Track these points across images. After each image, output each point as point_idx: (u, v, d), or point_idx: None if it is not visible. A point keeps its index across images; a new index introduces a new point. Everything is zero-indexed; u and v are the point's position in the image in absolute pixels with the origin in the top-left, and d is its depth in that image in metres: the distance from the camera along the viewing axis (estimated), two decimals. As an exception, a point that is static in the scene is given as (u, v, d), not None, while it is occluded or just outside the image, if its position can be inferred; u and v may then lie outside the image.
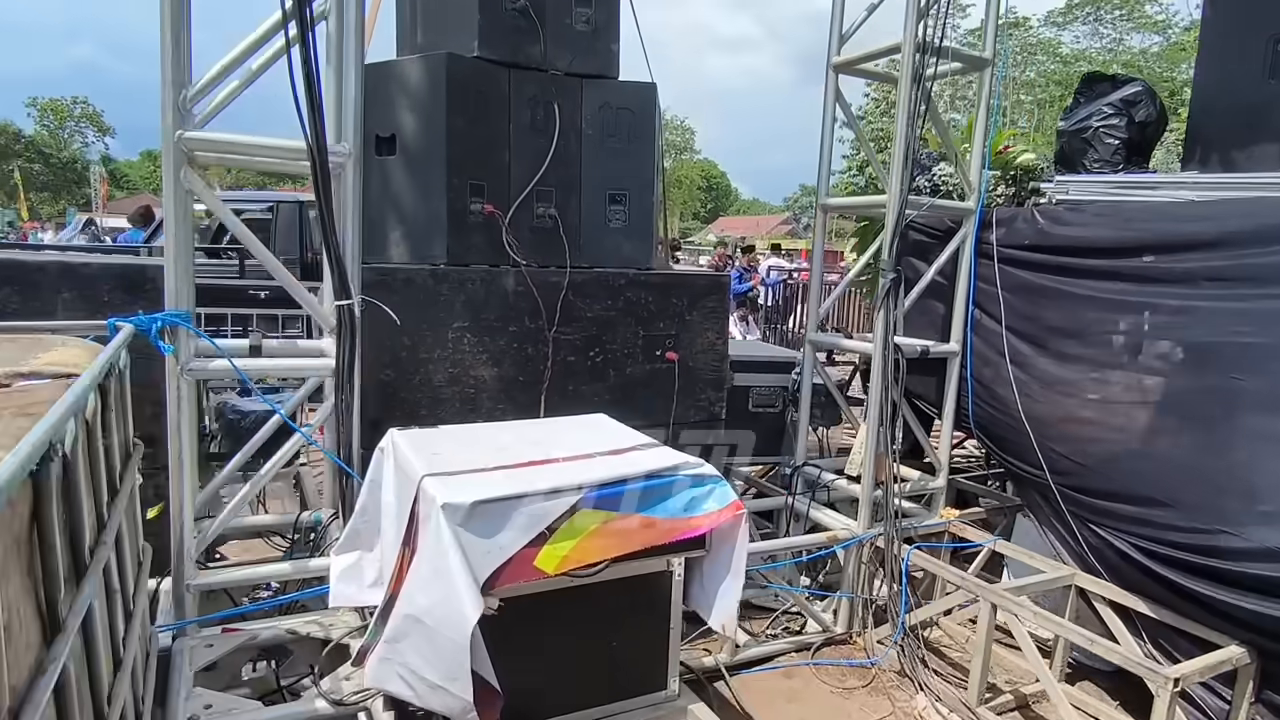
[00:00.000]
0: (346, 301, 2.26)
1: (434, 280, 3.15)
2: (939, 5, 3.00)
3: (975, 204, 3.30)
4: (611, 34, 3.64)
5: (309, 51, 2.12)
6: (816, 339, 3.61)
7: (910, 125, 3.03)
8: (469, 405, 3.27)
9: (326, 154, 2.18)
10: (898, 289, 3.13)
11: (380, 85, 3.34)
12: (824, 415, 3.95)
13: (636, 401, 3.60)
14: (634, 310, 3.55)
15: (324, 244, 2.23)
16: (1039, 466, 3.05)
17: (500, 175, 3.43)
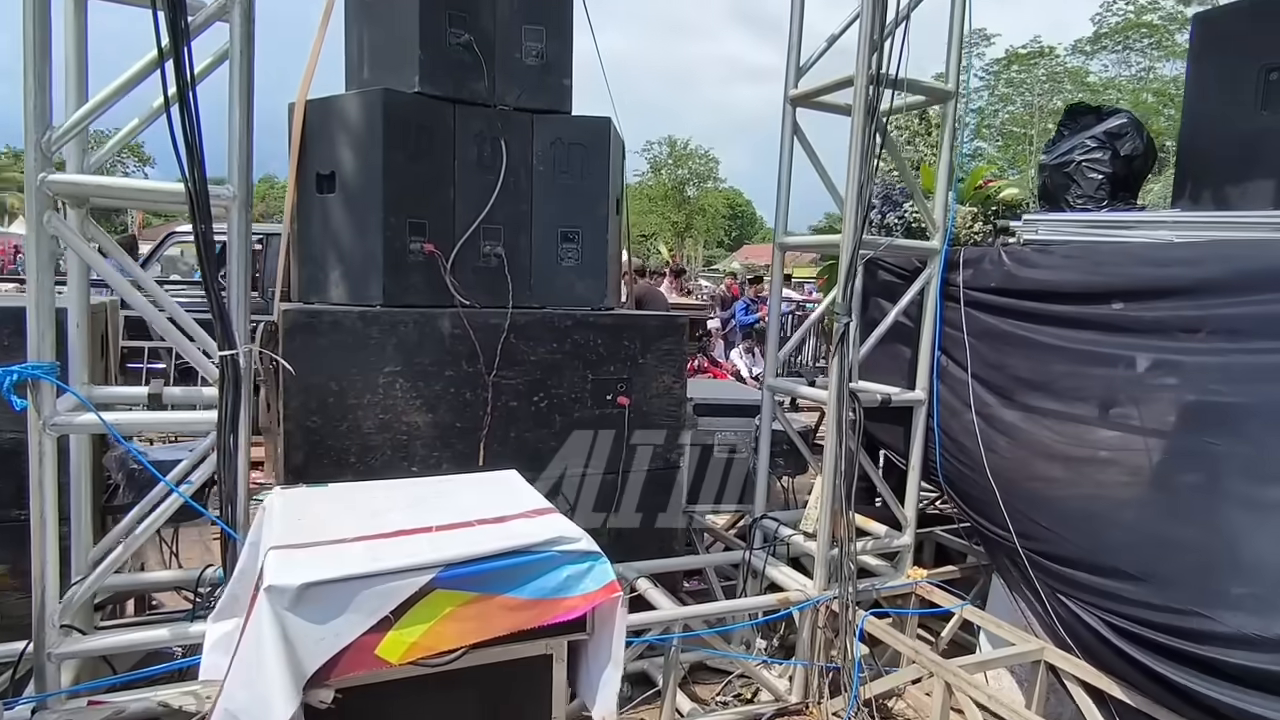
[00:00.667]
0: (229, 351, 2.11)
1: (363, 322, 3.01)
2: (894, 35, 2.81)
3: (940, 243, 3.08)
4: (563, 68, 3.51)
5: (187, 92, 2.00)
6: (775, 384, 3.40)
7: (863, 162, 2.84)
8: (401, 453, 3.10)
9: (207, 197, 2.04)
10: (853, 334, 2.91)
11: (321, 122, 3.24)
12: (788, 463, 3.71)
13: (585, 448, 3.41)
14: (582, 353, 3.37)
15: (205, 289, 2.09)
16: (1005, 528, 2.80)
17: (444, 213, 3.29)
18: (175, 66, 1.99)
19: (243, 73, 2.11)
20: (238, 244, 2.14)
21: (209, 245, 2.07)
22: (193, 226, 2.05)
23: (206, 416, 2.13)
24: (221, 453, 2.14)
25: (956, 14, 3.00)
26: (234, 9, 2.08)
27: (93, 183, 1.99)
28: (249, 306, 2.23)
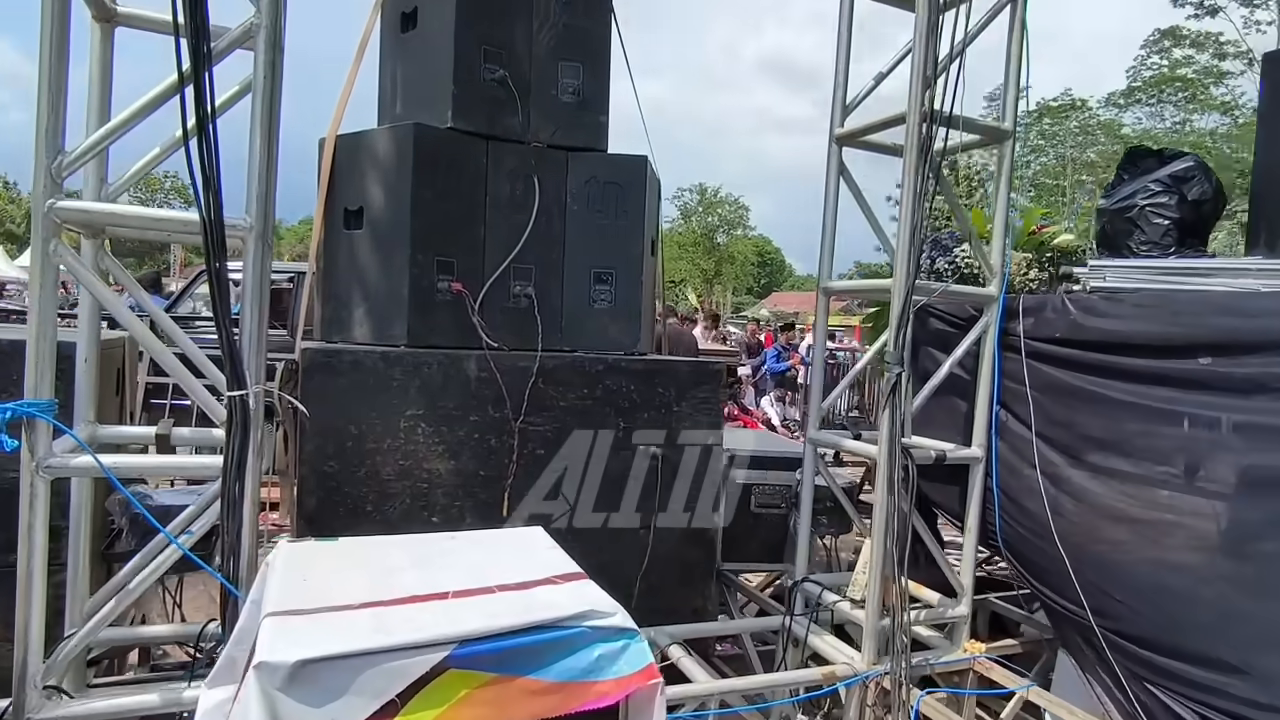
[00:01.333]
0: (239, 392, 1.96)
1: (385, 363, 2.86)
2: (950, 71, 2.65)
3: (998, 290, 2.87)
4: (599, 105, 3.40)
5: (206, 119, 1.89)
6: (818, 437, 3.18)
7: (916, 204, 2.65)
8: (421, 501, 2.92)
9: (222, 229, 1.92)
10: (906, 386, 2.69)
11: (351, 157, 3.14)
12: (831, 521, 3.47)
13: (615, 500, 3.20)
14: (613, 399, 3.18)
15: (215, 324, 1.95)
16: (1077, 602, 2.53)
17: (474, 252, 3.16)
18: (195, 92, 1.89)
19: (265, 99, 1.99)
20: (253, 277, 2.00)
21: (222, 279, 1.94)
22: (205, 258, 1.92)
23: (211, 462, 1.97)
24: (226, 501, 1.97)
25: (1013, 50, 2.84)
26: (259, 34, 1.98)
27: (102, 210, 1.87)
28: (264, 344, 2.09)
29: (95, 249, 2.19)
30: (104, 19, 2.20)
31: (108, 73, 2.23)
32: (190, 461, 2.04)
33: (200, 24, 1.87)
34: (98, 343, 2.26)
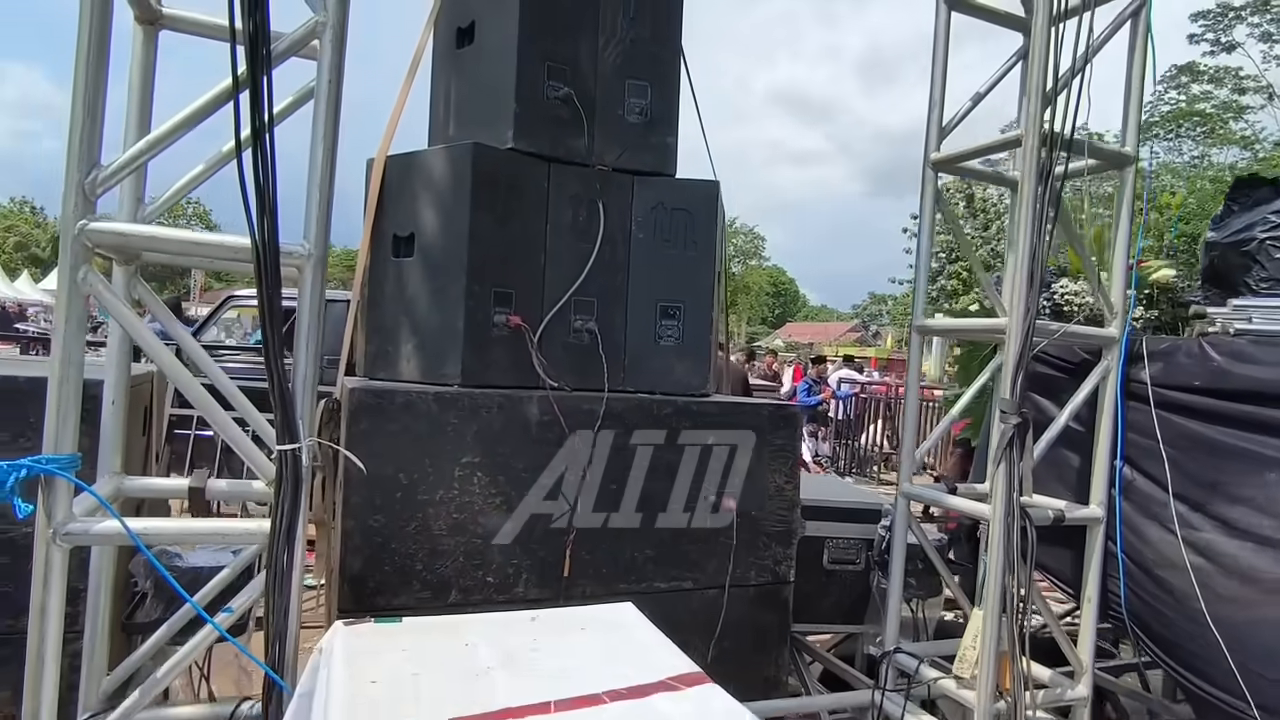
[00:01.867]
0: (290, 446, 1.67)
1: (439, 405, 2.57)
2: (1071, 87, 2.38)
3: (1120, 331, 2.57)
4: (668, 126, 3.14)
5: (263, 129, 1.63)
6: (912, 491, 2.86)
7: (1037, 233, 2.36)
8: (476, 560, 2.61)
9: (277, 254, 1.64)
10: (1023, 437, 2.38)
11: (402, 179, 2.89)
12: (919, 584, 3.13)
13: (685, 558, 2.89)
14: (685, 446, 2.88)
15: (266, 367, 1.67)
16: (1236, 693, 2.19)
17: (533, 282, 2.89)
18: (252, 99, 1.62)
19: (329, 107, 1.73)
20: (310, 312, 1.72)
21: (275, 313, 1.66)
22: (258, 289, 1.64)
23: (256, 528, 1.68)
24: (272, 574, 1.67)
25: (1136, 63, 2.57)
26: (324, 34, 1.72)
27: (141, 233, 1.60)
28: (315, 389, 1.81)
29: (129, 277, 1.92)
30: (147, 20, 1.95)
31: (149, 81, 1.98)
32: (233, 527, 1.74)
33: (260, 23, 1.61)
34: (127, 382, 1.98)
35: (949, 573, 2.93)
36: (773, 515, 3.03)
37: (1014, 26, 2.90)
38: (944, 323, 2.94)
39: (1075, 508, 2.61)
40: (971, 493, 2.94)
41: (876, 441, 10.88)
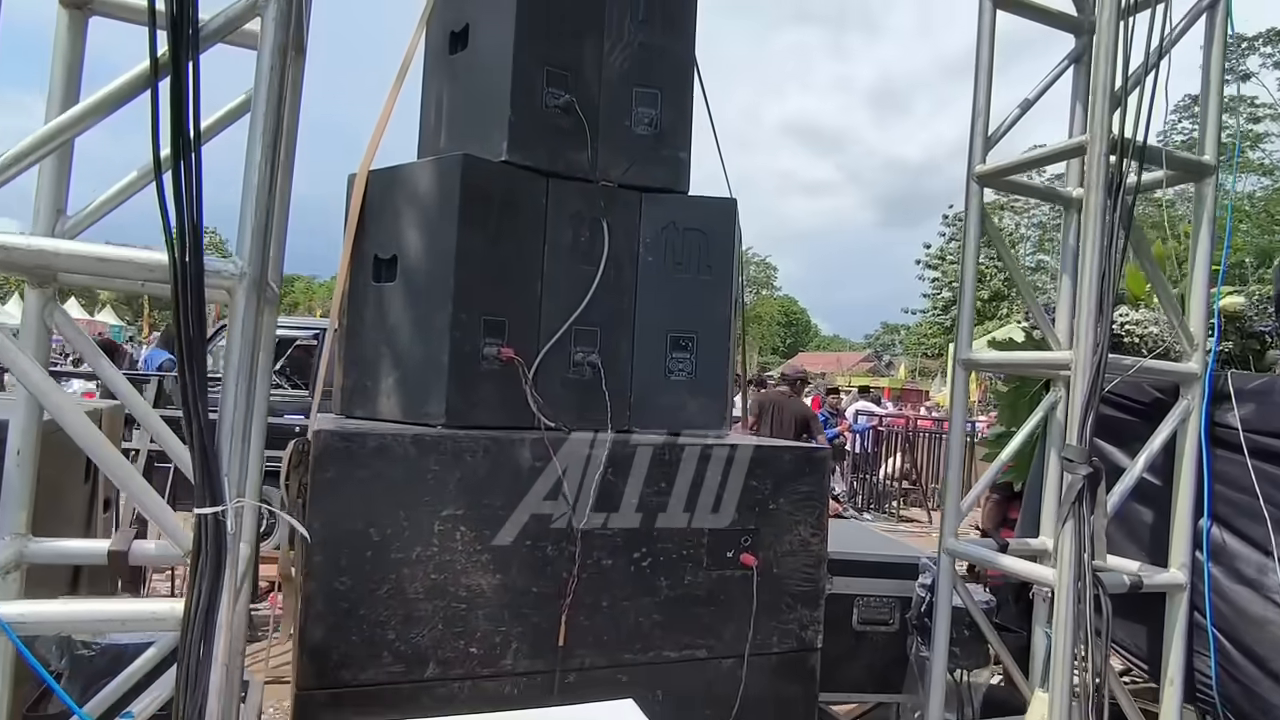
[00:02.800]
0: (210, 510, 1.34)
1: (418, 449, 2.24)
2: (1143, 86, 2.06)
3: (1201, 367, 2.22)
4: (680, 139, 2.84)
5: (185, 125, 1.33)
6: (957, 548, 2.49)
7: (1104, 256, 2.03)
8: (457, 628, 2.26)
9: (200, 273, 1.33)
10: (1094, 490, 2.02)
11: (385, 196, 2.59)
12: (964, 652, 2.74)
13: (697, 623, 2.52)
14: (698, 495, 2.53)
15: (183, 409, 1.34)
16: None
17: (528, 310, 2.57)
18: (173, 84, 1.32)
19: (269, 100, 1.42)
20: (240, 340, 1.40)
21: (195, 344, 1.34)
22: (174, 314, 1.33)
23: (165, 611, 1.34)
24: (185, 672, 1.33)
25: (1215, 64, 2.24)
26: (267, 9, 1.42)
27: (29, 246, 1.28)
28: (260, 435, 1.48)
29: (42, 301, 1.61)
30: (74, 4, 1.66)
31: (75, 73, 1.68)
32: (138, 611, 1.40)
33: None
34: (38, 427, 1.66)
35: (1001, 643, 2.55)
36: (798, 573, 2.66)
37: (1065, 27, 2.60)
38: (993, 355, 2.59)
39: (1153, 571, 2.24)
40: (1025, 549, 2.57)
41: (894, 476, 10.43)
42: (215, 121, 1.74)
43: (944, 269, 41.69)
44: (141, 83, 1.38)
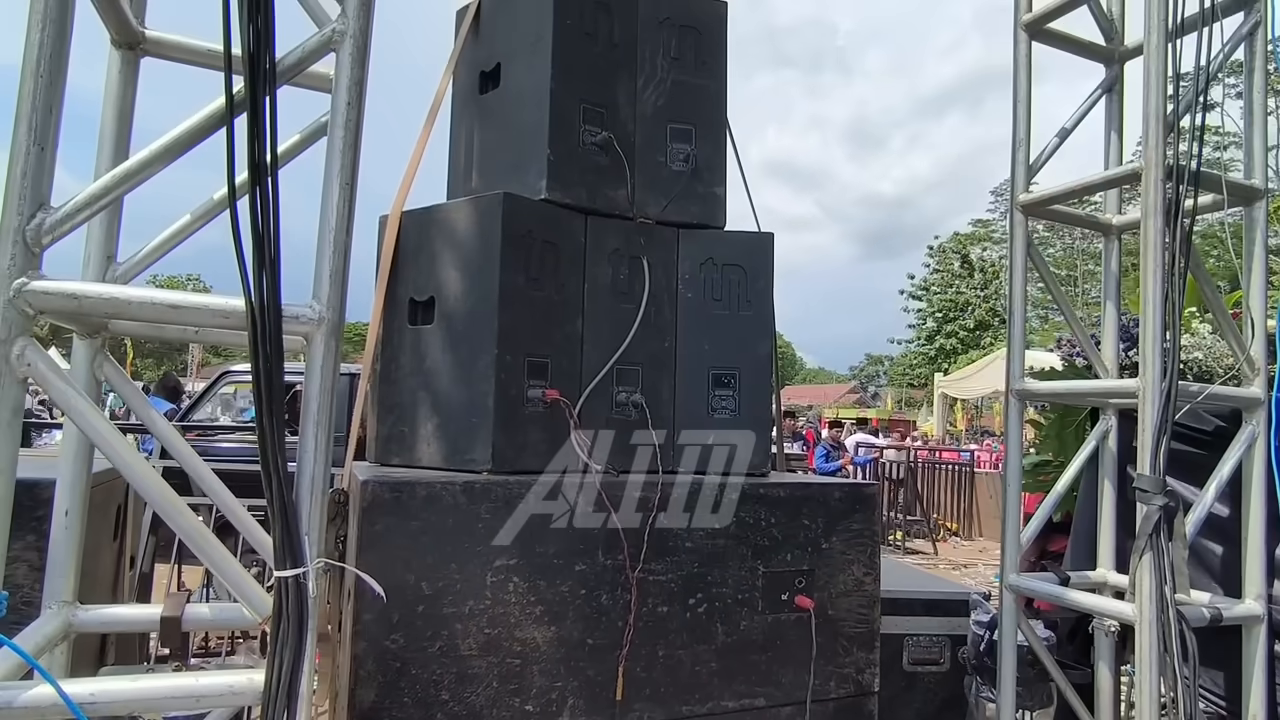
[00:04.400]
0: (293, 571, 1.25)
1: (468, 497, 2.14)
2: (1195, 110, 2.05)
3: (1265, 391, 2.18)
4: (716, 175, 2.81)
5: (263, 163, 1.26)
6: (1020, 584, 2.41)
7: (1167, 281, 2.00)
8: (512, 684, 2.14)
9: (279, 319, 1.25)
10: (1170, 521, 1.96)
11: (419, 237, 2.53)
12: (1028, 692, 2.65)
13: (755, 670, 2.42)
14: (749, 535, 2.45)
15: (263, 465, 1.25)
16: None
17: (570, 351, 2.50)
18: (251, 121, 1.26)
19: (348, 137, 1.37)
20: (319, 390, 1.32)
21: (275, 393, 1.26)
22: (253, 362, 1.24)
23: (242, 685, 1.24)
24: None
25: (1256, 88, 2.24)
26: (342, 46, 1.37)
27: (100, 294, 1.21)
28: (326, 493, 1.39)
29: (93, 352, 1.52)
30: (126, 44, 1.61)
31: (127, 116, 1.62)
32: (212, 685, 1.29)
33: (263, 29, 1.26)
34: (86, 483, 1.56)
35: (1068, 682, 2.46)
36: (853, 614, 2.57)
37: (1096, 58, 2.60)
38: (1048, 385, 2.54)
39: (1230, 604, 2.17)
40: (1085, 582, 2.50)
41: (899, 509, 10.35)
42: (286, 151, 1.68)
43: (928, 299, 42.12)
44: (213, 123, 1.32)
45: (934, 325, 40.98)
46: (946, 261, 41.49)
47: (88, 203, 1.24)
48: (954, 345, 38.64)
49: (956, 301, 39.49)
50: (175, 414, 6.52)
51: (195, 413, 6.13)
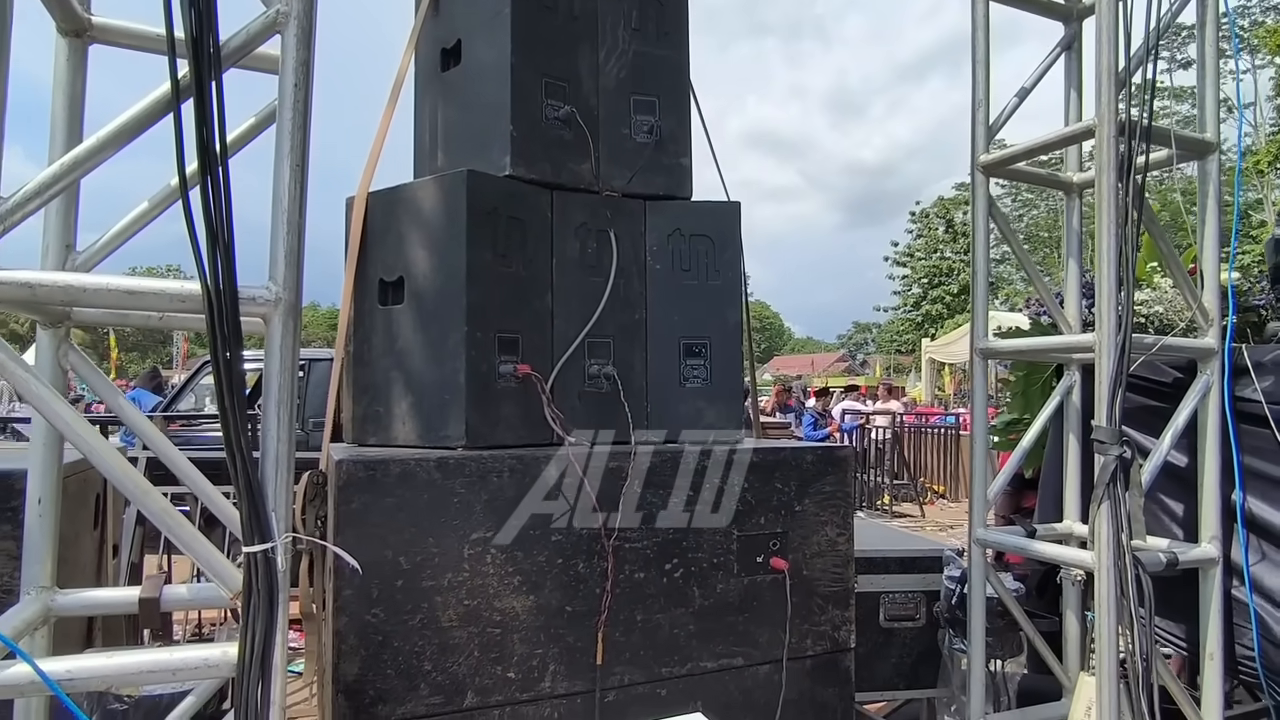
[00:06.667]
0: (260, 547, 1.28)
1: (443, 473, 2.18)
2: (1146, 66, 2.08)
3: (1218, 341, 2.24)
4: (681, 145, 2.82)
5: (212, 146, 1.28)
6: (988, 538, 2.48)
7: (1120, 235, 2.04)
8: (493, 653, 2.20)
9: (235, 300, 1.27)
10: (1127, 470, 2.02)
11: (386, 218, 2.54)
12: (998, 642, 2.73)
13: (732, 631, 2.48)
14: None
15: (226, 443, 1.28)
16: None
17: (539, 325, 2.53)
18: (197, 104, 1.27)
19: (296, 118, 1.38)
20: (280, 369, 1.34)
21: (235, 376, 1.28)
22: (211, 345, 1.27)
23: (216, 657, 1.28)
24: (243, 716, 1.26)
25: (1209, 44, 2.27)
26: (288, 26, 1.37)
27: (54, 282, 1.22)
28: (291, 468, 1.42)
29: (56, 342, 1.54)
30: (73, 32, 1.60)
31: (77, 104, 1.62)
32: (187, 659, 1.33)
33: (205, 10, 1.27)
34: (58, 473, 1.58)
35: (1036, 630, 2.54)
36: (827, 573, 2.64)
37: (1055, 15, 2.62)
38: (1011, 343, 2.59)
39: (1186, 548, 2.24)
40: (1052, 534, 2.57)
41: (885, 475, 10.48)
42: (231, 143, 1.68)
43: (913, 265, 42.23)
44: (161, 108, 1.33)
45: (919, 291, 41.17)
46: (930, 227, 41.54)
47: (38, 191, 1.25)
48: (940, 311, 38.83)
49: (941, 267, 39.63)
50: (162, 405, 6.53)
51: (179, 403, 6.14)
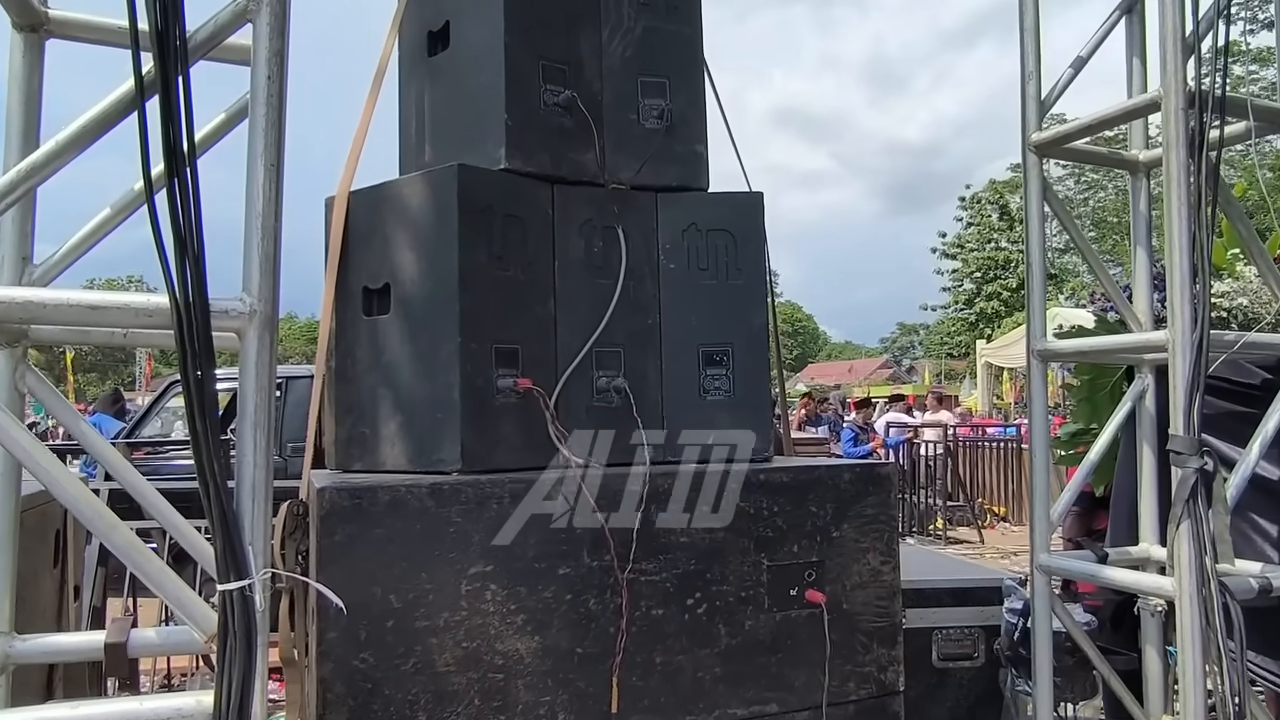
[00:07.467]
0: (236, 584, 1.32)
1: (436, 500, 2.21)
2: (1217, 28, 2.10)
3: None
4: (695, 131, 2.86)
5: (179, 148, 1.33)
6: (1052, 564, 2.48)
7: (1193, 218, 2.05)
8: (495, 701, 2.22)
9: (208, 314, 1.32)
10: (1209, 485, 2.02)
11: (370, 219, 2.59)
12: (1068, 682, 2.72)
13: (764, 674, 2.49)
14: (751, 526, 2.51)
15: (199, 471, 1.32)
16: None
17: (541, 335, 2.57)
18: (163, 103, 1.32)
19: (270, 114, 1.43)
20: (255, 389, 1.38)
21: (207, 396, 1.32)
22: (181, 362, 1.31)
23: (186, 708, 1.31)
24: (219, 775, 1.29)
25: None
26: (260, 14, 1.42)
27: (11, 298, 1.27)
28: (269, 498, 1.46)
29: (12, 364, 1.59)
30: (28, 26, 1.66)
31: (34, 104, 1.68)
32: (157, 708, 1.36)
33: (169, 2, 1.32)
34: (15, 506, 1.63)
35: (1110, 668, 2.53)
36: (870, 607, 2.64)
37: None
38: (1073, 344, 2.59)
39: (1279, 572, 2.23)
40: (1126, 559, 2.57)
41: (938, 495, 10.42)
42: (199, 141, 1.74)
43: (964, 258, 42.03)
44: (124, 107, 1.38)
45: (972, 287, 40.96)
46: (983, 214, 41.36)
47: None
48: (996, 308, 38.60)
49: (996, 259, 39.42)
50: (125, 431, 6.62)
51: (144, 428, 6.23)
